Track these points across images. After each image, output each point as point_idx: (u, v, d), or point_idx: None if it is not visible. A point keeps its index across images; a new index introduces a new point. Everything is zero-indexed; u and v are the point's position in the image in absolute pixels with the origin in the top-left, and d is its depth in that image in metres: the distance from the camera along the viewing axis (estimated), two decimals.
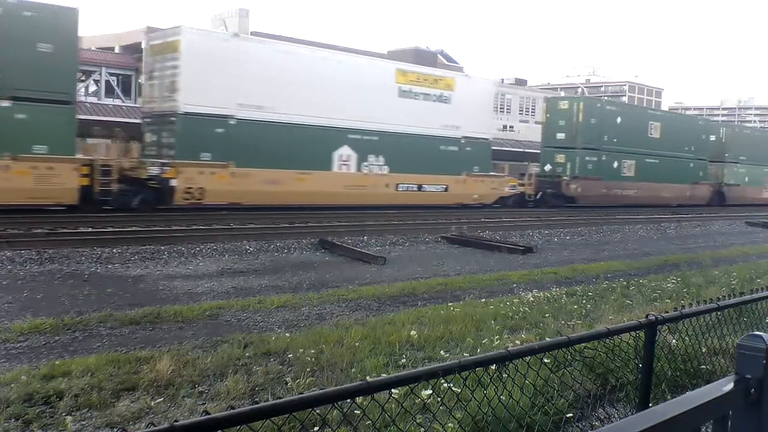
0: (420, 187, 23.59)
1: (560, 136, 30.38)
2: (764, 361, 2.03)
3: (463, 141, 25.03)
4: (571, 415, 4.33)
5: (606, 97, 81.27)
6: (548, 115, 31.71)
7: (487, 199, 25.82)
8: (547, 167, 30.64)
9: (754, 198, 39.40)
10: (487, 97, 27.12)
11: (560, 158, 30.17)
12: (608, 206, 29.05)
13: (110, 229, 14.15)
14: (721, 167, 37.74)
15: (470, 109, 25.01)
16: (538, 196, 28.90)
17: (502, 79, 31.22)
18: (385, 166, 22.82)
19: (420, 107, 23.64)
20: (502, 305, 8.24)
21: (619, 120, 31.14)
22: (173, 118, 18.63)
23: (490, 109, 27.80)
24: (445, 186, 24.36)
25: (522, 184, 28.16)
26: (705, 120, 42.40)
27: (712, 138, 37.52)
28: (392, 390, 2.36)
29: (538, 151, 32.71)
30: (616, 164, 31.09)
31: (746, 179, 39.07)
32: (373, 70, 23.02)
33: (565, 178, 29.41)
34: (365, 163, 22.40)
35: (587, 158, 29.73)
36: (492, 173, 27.10)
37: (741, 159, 38.82)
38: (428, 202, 23.68)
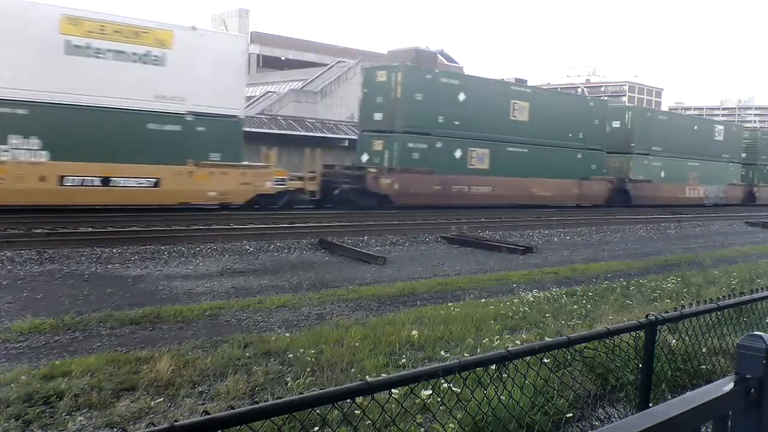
0: (106, 181, 16.86)
1: (378, 116, 23.55)
2: (764, 361, 2.03)
3: (190, 118, 18.42)
4: (571, 415, 4.33)
5: (606, 97, 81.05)
6: (366, 91, 24.61)
7: (235, 197, 19.30)
8: (364, 157, 24.03)
9: (672, 197, 32.95)
10: (234, 58, 19.88)
11: (378, 145, 23.54)
12: (449, 207, 23.00)
13: (110, 229, 14.15)
14: (625, 160, 31.17)
15: (203, 75, 18.65)
16: (336, 193, 22.51)
17: (502, 79, 31.02)
18: (43, 152, 16.24)
19: (108, 70, 17.07)
20: (502, 305, 8.24)
21: (462, 97, 23.76)
22: None
23: (242, 76, 20.71)
24: (154, 180, 17.73)
25: (299, 178, 21.54)
26: (599, 101, 33.46)
27: (615, 124, 31.33)
28: (392, 390, 2.36)
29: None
30: (458, 154, 23.90)
31: (662, 174, 32.47)
32: (22, 17, 16.21)
33: (372, 170, 22.75)
34: (2, 147, 15.76)
35: (411, 145, 22.84)
36: (247, 163, 20.47)
37: (655, 150, 32.25)
38: (123, 201, 17.38)
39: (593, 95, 70.25)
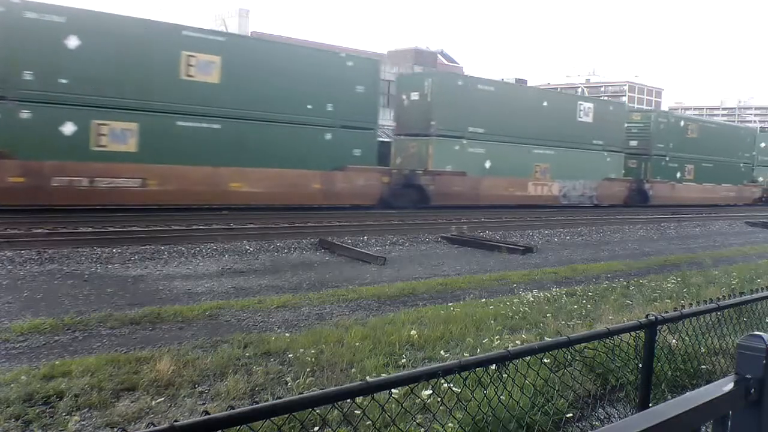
0: None
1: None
2: (764, 361, 2.03)
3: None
4: (571, 415, 4.33)
5: (606, 97, 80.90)
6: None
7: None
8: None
9: (502, 195, 25.22)
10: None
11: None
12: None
13: (110, 229, 14.15)
14: (423, 145, 23.49)
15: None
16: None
17: (502, 79, 30.67)
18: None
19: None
20: (502, 305, 8.24)
21: (73, 44, 15.79)
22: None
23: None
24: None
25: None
26: (359, 59, 22.06)
27: (414, 96, 23.95)
28: (392, 390, 2.36)
29: None
30: (70, 128, 15.96)
31: (486, 165, 24.60)
32: None
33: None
34: None
35: None
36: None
37: (474, 133, 24.15)
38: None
39: (593, 95, 69.93)
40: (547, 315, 7.79)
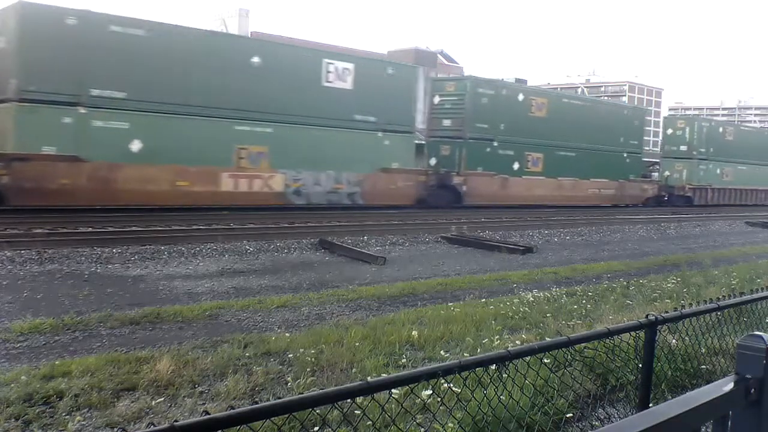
0: None
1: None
2: (764, 361, 2.03)
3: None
4: (571, 415, 4.33)
5: (606, 98, 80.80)
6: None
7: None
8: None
9: (141, 195, 16.89)
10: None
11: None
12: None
13: (110, 229, 14.14)
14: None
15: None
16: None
17: (502, 79, 30.64)
18: None
19: None
20: (502, 305, 8.24)
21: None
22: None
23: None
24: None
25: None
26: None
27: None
28: (392, 390, 2.36)
29: None
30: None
31: (133, 148, 16.50)
32: None
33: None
34: None
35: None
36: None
37: (101, 98, 16.03)
38: None
39: (593, 95, 69.84)
40: (547, 315, 7.79)
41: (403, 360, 5.84)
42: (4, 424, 4.26)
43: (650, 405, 3.07)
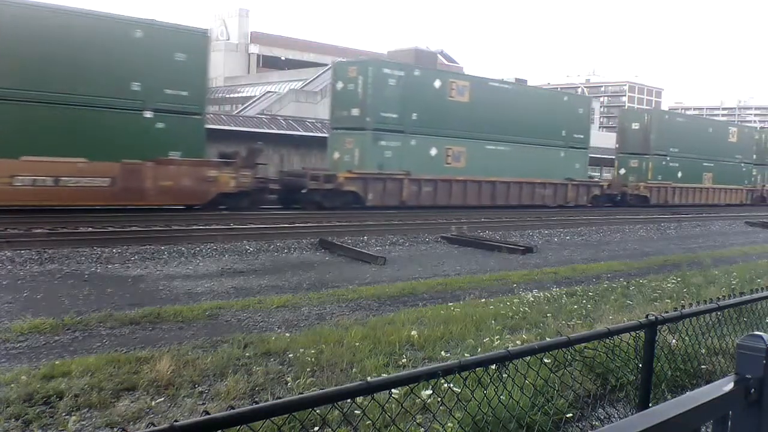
0: None
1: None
2: (764, 361, 2.03)
3: None
4: (571, 415, 4.33)
5: (606, 98, 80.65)
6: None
7: None
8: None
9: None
10: None
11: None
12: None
13: (110, 229, 14.14)
14: None
15: None
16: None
17: (503, 79, 30.28)
18: None
19: None
20: (502, 305, 8.24)
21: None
22: None
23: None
24: None
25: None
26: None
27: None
28: (392, 390, 2.36)
29: None
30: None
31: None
32: None
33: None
34: None
35: None
36: None
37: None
38: None
39: (593, 95, 69.71)
40: (548, 315, 7.78)
41: (403, 360, 5.84)
42: (4, 424, 4.26)
43: (650, 405, 3.07)
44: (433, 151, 23.46)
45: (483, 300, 8.82)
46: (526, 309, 8.01)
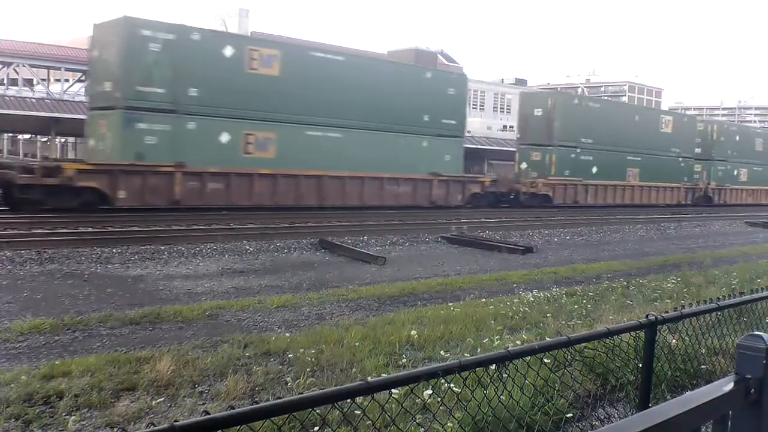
0: None
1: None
2: (764, 361, 2.03)
3: None
4: (571, 415, 4.33)
5: (606, 97, 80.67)
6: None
7: None
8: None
9: None
10: None
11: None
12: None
13: (110, 229, 14.14)
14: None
15: None
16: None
17: (502, 79, 30.19)
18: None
19: None
20: (502, 305, 8.24)
21: None
22: None
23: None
24: None
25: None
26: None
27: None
28: (392, 390, 2.36)
29: None
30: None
31: None
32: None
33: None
34: None
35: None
36: None
37: None
38: None
39: (593, 95, 69.87)
40: (547, 315, 7.78)
41: (403, 360, 5.84)
42: (4, 424, 4.26)
43: (650, 405, 3.07)
44: (225, 138, 18.38)
45: (483, 300, 8.82)
46: (526, 309, 8.00)
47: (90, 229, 14.04)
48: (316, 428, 3.82)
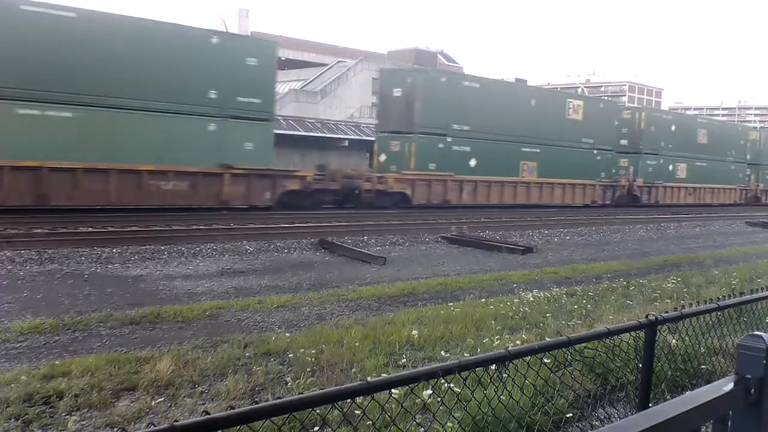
0: None
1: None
2: (764, 361, 2.03)
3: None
4: (571, 415, 4.33)
5: (607, 97, 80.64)
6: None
7: None
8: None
9: None
10: None
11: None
12: None
13: (110, 229, 14.14)
14: None
15: None
16: None
17: (502, 79, 30.14)
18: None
19: None
20: (502, 305, 8.24)
21: None
22: None
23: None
24: None
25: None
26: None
27: None
28: (392, 390, 2.36)
29: None
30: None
31: None
32: None
33: None
34: None
35: None
36: None
37: None
38: None
39: (593, 95, 69.78)
40: (547, 315, 7.78)
41: (403, 360, 5.84)
42: (4, 424, 4.26)
43: (650, 405, 3.07)
44: None
45: (483, 300, 8.82)
46: (526, 309, 8.01)
47: (90, 229, 14.04)
48: (316, 428, 3.82)
